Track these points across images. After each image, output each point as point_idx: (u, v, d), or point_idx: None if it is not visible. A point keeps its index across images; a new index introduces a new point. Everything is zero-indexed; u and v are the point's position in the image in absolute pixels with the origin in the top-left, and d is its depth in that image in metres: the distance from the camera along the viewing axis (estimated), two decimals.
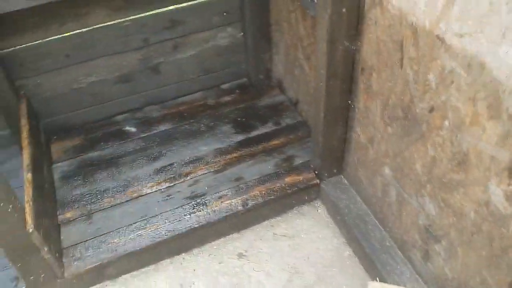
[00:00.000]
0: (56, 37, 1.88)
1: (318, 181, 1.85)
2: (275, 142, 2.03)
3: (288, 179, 1.87)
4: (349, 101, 1.55)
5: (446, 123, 1.10)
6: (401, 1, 1.11)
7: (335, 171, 1.83)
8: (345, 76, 1.47)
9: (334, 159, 1.78)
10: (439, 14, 1.00)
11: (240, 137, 2.06)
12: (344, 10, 1.27)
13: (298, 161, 1.94)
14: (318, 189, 1.88)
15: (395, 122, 1.33)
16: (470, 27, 0.92)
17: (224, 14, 2.09)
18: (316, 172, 1.86)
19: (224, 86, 2.33)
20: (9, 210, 1.36)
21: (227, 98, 2.26)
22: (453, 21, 0.97)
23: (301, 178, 1.87)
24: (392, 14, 1.16)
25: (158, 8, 1.97)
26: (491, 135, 0.97)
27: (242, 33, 2.18)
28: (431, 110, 1.14)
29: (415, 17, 1.08)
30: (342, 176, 1.84)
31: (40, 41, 1.87)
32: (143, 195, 1.86)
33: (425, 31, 1.06)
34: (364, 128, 1.54)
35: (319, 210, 1.90)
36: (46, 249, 1.52)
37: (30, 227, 1.45)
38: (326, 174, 1.84)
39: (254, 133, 2.08)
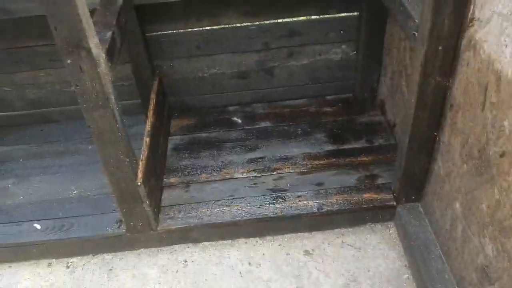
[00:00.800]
0: (192, 29, 2.19)
1: (395, 203, 1.92)
2: (364, 158, 2.13)
3: (366, 195, 1.96)
4: (436, 134, 1.61)
5: None
6: (491, 47, 1.18)
7: (413, 197, 1.88)
8: (434, 109, 1.53)
9: (413, 186, 1.84)
10: None
11: (331, 147, 2.19)
12: (440, 48, 1.35)
13: (380, 181, 2.01)
14: (394, 211, 1.94)
15: (470, 161, 1.38)
16: None
17: (341, 31, 2.23)
18: (395, 194, 1.93)
19: (329, 98, 2.47)
20: (126, 163, 1.66)
21: (328, 109, 2.41)
22: None
23: (379, 197, 1.95)
24: (482, 58, 1.23)
25: (281, 18, 2.18)
26: None
27: (355, 52, 2.30)
28: (503, 155, 1.19)
29: (500, 65, 1.14)
30: (419, 204, 1.89)
31: (179, 31, 2.19)
32: (234, 178, 2.10)
33: (507, 79, 1.12)
34: (445, 162, 1.59)
35: (390, 231, 1.97)
36: (147, 202, 1.81)
37: (139, 180, 1.74)
38: (404, 199, 1.90)
39: (346, 146, 2.20)
